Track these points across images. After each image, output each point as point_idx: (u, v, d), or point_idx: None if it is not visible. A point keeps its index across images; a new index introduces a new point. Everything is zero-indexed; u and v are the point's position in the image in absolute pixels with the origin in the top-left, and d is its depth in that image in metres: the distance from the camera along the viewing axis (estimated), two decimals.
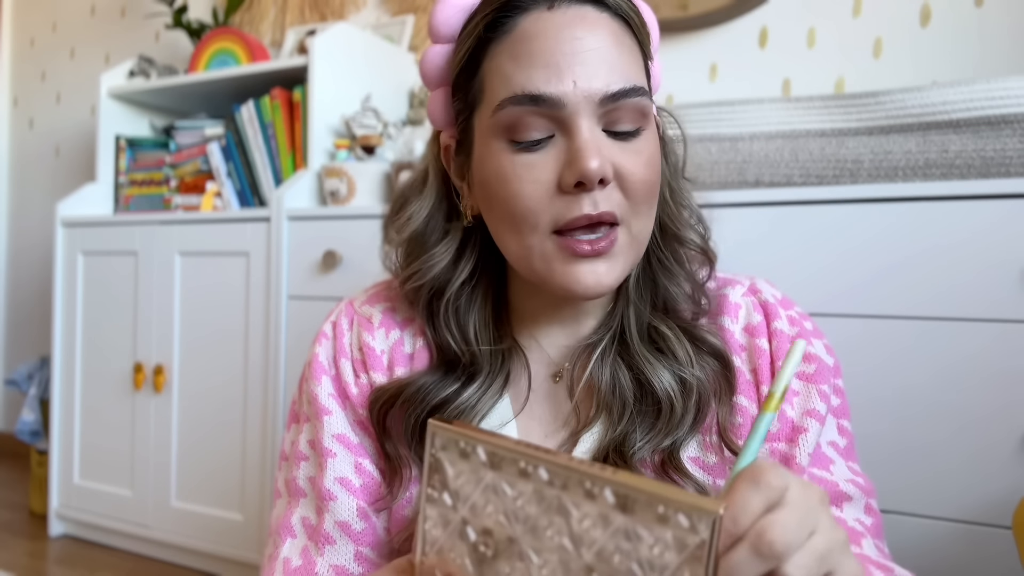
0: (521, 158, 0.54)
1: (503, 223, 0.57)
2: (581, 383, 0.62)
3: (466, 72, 0.58)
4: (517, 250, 0.57)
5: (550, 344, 0.65)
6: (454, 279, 0.63)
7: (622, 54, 0.54)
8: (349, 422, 0.66)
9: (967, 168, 1.07)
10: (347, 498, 0.63)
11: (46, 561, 1.76)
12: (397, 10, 2.03)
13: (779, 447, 0.59)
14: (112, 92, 1.99)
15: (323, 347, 0.69)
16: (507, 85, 0.54)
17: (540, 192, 0.54)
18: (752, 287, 0.66)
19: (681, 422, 0.58)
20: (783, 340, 0.61)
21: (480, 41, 0.56)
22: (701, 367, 0.60)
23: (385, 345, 0.66)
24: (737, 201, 1.13)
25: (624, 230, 0.56)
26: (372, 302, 0.69)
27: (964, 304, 1.00)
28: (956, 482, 1.01)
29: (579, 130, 0.53)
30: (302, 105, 1.71)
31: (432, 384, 0.62)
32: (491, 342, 0.64)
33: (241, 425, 1.62)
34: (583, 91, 0.52)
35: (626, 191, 0.55)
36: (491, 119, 0.55)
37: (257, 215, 1.61)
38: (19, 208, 2.70)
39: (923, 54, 1.47)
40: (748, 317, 0.63)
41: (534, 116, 0.53)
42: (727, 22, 1.62)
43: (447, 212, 0.65)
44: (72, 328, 1.87)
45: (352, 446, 0.65)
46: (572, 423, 0.63)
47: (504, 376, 0.64)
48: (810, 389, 0.60)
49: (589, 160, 0.52)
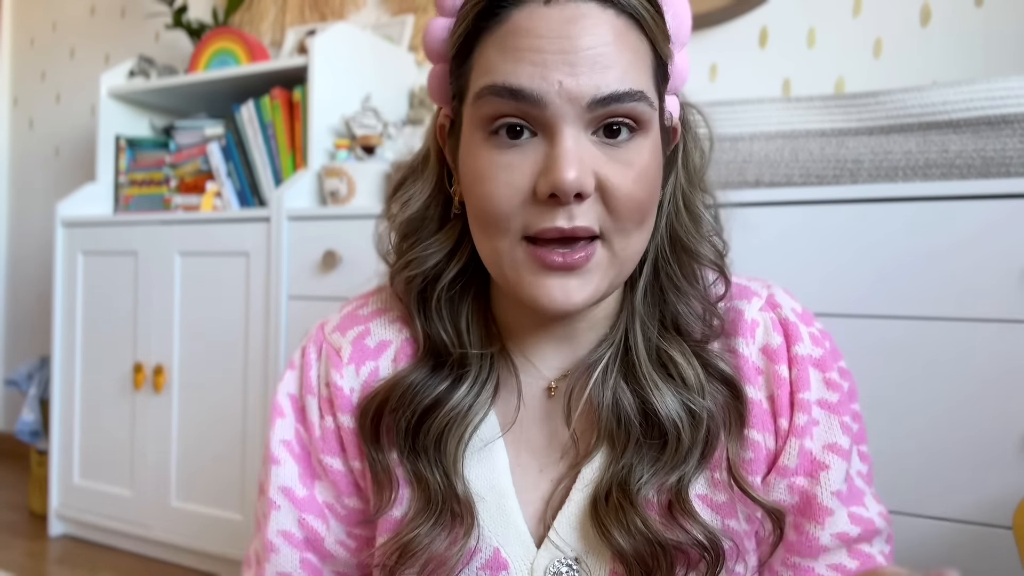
0: (498, 157, 0.50)
1: (476, 221, 0.53)
2: (580, 407, 0.57)
3: (459, 56, 0.54)
4: (489, 253, 0.53)
5: (542, 360, 0.61)
6: (448, 270, 0.59)
7: (622, 54, 0.49)
8: (298, 472, 0.63)
9: (967, 168, 1.07)
10: (289, 551, 0.62)
11: (46, 561, 1.76)
12: (397, 10, 2.03)
13: (798, 482, 0.56)
14: (112, 92, 1.99)
15: (286, 382, 0.65)
16: (489, 74, 0.50)
17: (513, 196, 0.50)
18: (771, 300, 0.60)
19: (688, 455, 0.54)
20: (804, 368, 0.57)
21: (472, 28, 0.52)
22: (711, 395, 0.56)
23: (355, 383, 0.62)
24: (737, 201, 1.13)
25: (605, 246, 0.51)
26: (344, 328, 0.64)
27: (964, 304, 1.00)
28: (956, 482, 1.00)
29: (560, 136, 0.48)
30: (302, 105, 1.71)
31: (421, 381, 0.58)
32: (481, 343, 0.59)
33: (241, 425, 1.61)
34: (569, 92, 0.48)
35: (609, 206, 0.50)
36: (471, 108, 0.52)
37: (257, 215, 1.61)
38: (19, 208, 2.70)
39: (923, 54, 1.47)
40: (767, 337, 0.58)
41: (514, 111, 0.49)
42: (727, 22, 1.62)
43: (445, 198, 0.60)
44: (72, 328, 1.87)
45: (297, 500, 0.62)
46: (571, 454, 0.58)
47: (493, 384, 0.60)
48: (832, 421, 0.57)
49: (565, 171, 0.47)
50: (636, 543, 0.53)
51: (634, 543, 0.53)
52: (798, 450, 0.56)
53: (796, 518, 0.57)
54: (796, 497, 0.57)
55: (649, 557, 0.53)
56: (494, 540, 0.57)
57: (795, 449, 0.56)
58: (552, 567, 0.56)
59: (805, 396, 0.57)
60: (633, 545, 0.53)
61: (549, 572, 0.56)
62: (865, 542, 0.58)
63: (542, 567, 0.56)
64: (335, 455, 0.62)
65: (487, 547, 0.57)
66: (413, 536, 0.56)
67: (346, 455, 0.62)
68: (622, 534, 0.53)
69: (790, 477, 0.56)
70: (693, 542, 0.53)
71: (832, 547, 0.56)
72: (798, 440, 0.56)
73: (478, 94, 0.51)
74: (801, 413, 0.56)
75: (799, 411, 0.56)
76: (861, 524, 0.57)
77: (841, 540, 0.56)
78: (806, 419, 0.56)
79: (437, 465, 0.57)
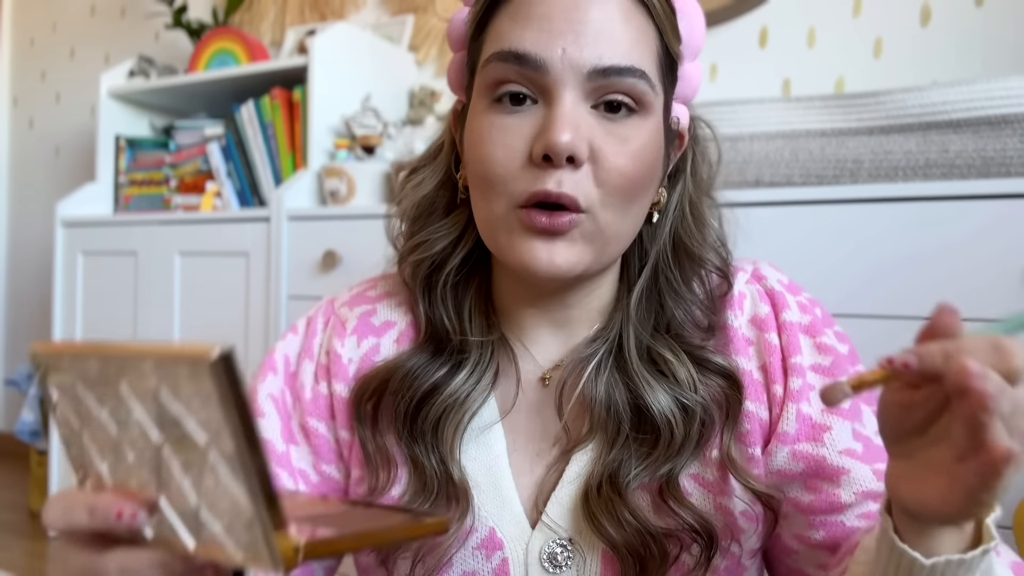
0: (499, 120, 0.51)
1: (476, 188, 0.55)
2: (572, 399, 0.58)
3: (475, 35, 0.55)
4: (485, 219, 0.54)
5: (537, 347, 0.62)
6: (454, 255, 0.60)
7: (627, 32, 0.51)
8: (280, 428, 0.63)
9: (967, 168, 1.07)
10: None
11: (46, 561, 1.76)
12: (397, 10, 2.03)
13: (802, 448, 0.55)
14: (112, 92, 1.99)
15: (287, 343, 0.66)
16: (498, 42, 0.52)
17: (511, 159, 0.51)
18: (756, 273, 0.61)
19: (681, 449, 0.55)
20: (794, 334, 0.57)
21: (488, 5, 0.54)
22: (705, 386, 0.56)
23: (355, 354, 0.63)
24: (737, 201, 1.13)
25: (589, 218, 0.52)
26: (353, 304, 0.66)
27: (964, 304, 0.99)
28: None
29: (559, 100, 0.50)
30: (302, 105, 1.71)
31: (420, 366, 0.59)
32: (482, 331, 0.61)
33: None
34: (571, 60, 0.49)
35: (599, 178, 0.51)
36: (479, 77, 0.53)
37: (257, 215, 1.61)
38: (19, 208, 2.70)
39: (923, 54, 1.47)
40: (754, 308, 0.59)
41: (517, 77, 0.51)
42: (727, 22, 1.62)
43: (455, 186, 0.61)
44: (72, 328, 1.87)
45: (275, 454, 0.62)
46: (563, 441, 0.59)
47: (493, 372, 0.60)
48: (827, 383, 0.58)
49: (560, 133, 0.48)
50: (627, 535, 0.54)
51: (625, 534, 0.54)
52: (795, 415, 0.56)
53: (810, 481, 0.56)
54: (802, 464, 0.56)
55: (641, 547, 0.54)
56: (490, 520, 0.58)
57: (792, 414, 0.56)
58: (547, 547, 0.57)
59: (797, 360, 0.56)
60: (624, 536, 0.54)
61: (544, 552, 0.57)
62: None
63: (537, 547, 0.57)
64: (322, 420, 0.63)
65: (483, 527, 0.58)
66: None
67: (334, 422, 0.63)
68: (613, 525, 0.54)
69: (792, 444, 0.56)
70: (684, 527, 0.54)
71: (855, 502, 0.55)
72: (795, 404, 0.56)
73: (485, 61, 0.52)
74: (795, 377, 0.56)
75: (793, 375, 0.56)
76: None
77: (868, 496, 0.55)
78: (800, 383, 0.56)
79: (434, 451, 0.58)
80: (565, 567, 0.56)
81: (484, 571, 0.57)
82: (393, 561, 0.58)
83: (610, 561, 0.55)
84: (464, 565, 0.57)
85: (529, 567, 0.57)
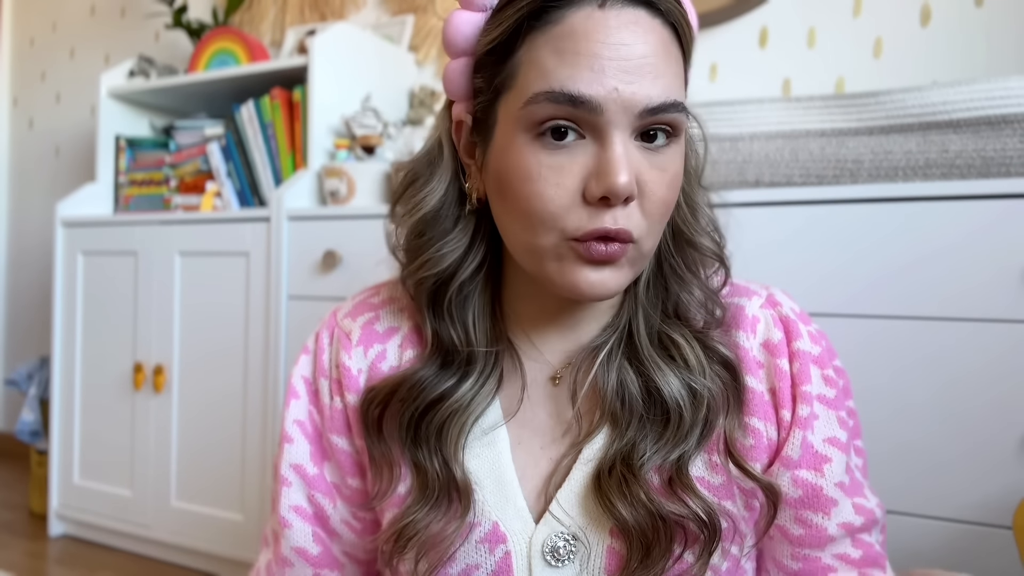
0: (546, 158, 0.51)
1: (517, 221, 0.54)
2: (584, 388, 0.60)
3: (498, 53, 0.54)
4: (527, 248, 0.55)
5: (547, 348, 0.63)
6: (463, 269, 0.60)
7: (668, 65, 0.52)
8: (309, 451, 0.66)
9: (967, 168, 1.07)
10: (301, 525, 0.65)
11: (46, 561, 1.76)
12: (397, 10, 2.03)
13: (803, 475, 0.58)
14: (112, 92, 1.99)
15: (301, 365, 0.68)
16: (545, 79, 0.50)
17: (563, 197, 0.51)
18: (771, 299, 0.63)
19: (689, 433, 0.56)
20: (805, 363, 0.59)
21: (520, 26, 0.52)
22: (712, 377, 0.58)
23: (363, 364, 0.64)
24: (737, 201, 1.13)
25: (635, 247, 0.53)
26: (355, 314, 0.67)
27: (964, 304, 1.00)
28: (956, 482, 1.00)
29: (613, 141, 0.50)
30: (302, 105, 1.71)
31: (429, 378, 0.60)
32: (487, 340, 0.61)
33: (241, 425, 1.62)
34: (624, 100, 0.50)
35: (644, 209, 0.53)
36: (521, 110, 0.52)
37: (257, 215, 1.61)
38: (19, 208, 2.70)
39: (923, 54, 1.47)
40: (767, 332, 0.61)
41: (568, 116, 0.51)
42: (727, 22, 1.62)
43: (459, 194, 0.61)
44: (72, 328, 1.87)
45: (307, 477, 0.66)
46: (574, 431, 0.60)
47: (497, 377, 0.62)
48: (830, 416, 0.59)
49: (619, 175, 0.49)
50: (638, 514, 0.54)
51: (636, 514, 0.54)
52: (801, 442, 0.58)
53: (800, 512, 0.59)
54: (800, 490, 0.58)
55: (650, 530, 0.54)
56: (494, 514, 0.59)
57: (798, 440, 0.58)
58: (550, 540, 0.57)
59: (807, 389, 0.59)
60: (635, 516, 0.54)
61: (547, 546, 0.57)
62: (866, 531, 0.60)
63: (540, 541, 0.58)
64: (341, 434, 0.65)
65: (486, 521, 0.59)
66: (409, 522, 0.58)
67: (351, 434, 0.65)
68: (625, 505, 0.55)
69: (794, 470, 0.58)
70: (693, 516, 0.55)
71: (838, 536, 0.59)
72: (802, 432, 0.58)
73: (532, 99, 0.51)
74: (804, 405, 0.58)
75: (802, 403, 0.59)
76: (864, 514, 0.60)
77: (846, 530, 0.59)
78: (808, 411, 0.58)
79: (437, 454, 0.59)
80: (568, 560, 0.57)
81: (487, 565, 0.58)
82: (397, 558, 0.60)
83: (614, 554, 0.56)
84: (467, 559, 0.58)
85: (532, 560, 0.58)
